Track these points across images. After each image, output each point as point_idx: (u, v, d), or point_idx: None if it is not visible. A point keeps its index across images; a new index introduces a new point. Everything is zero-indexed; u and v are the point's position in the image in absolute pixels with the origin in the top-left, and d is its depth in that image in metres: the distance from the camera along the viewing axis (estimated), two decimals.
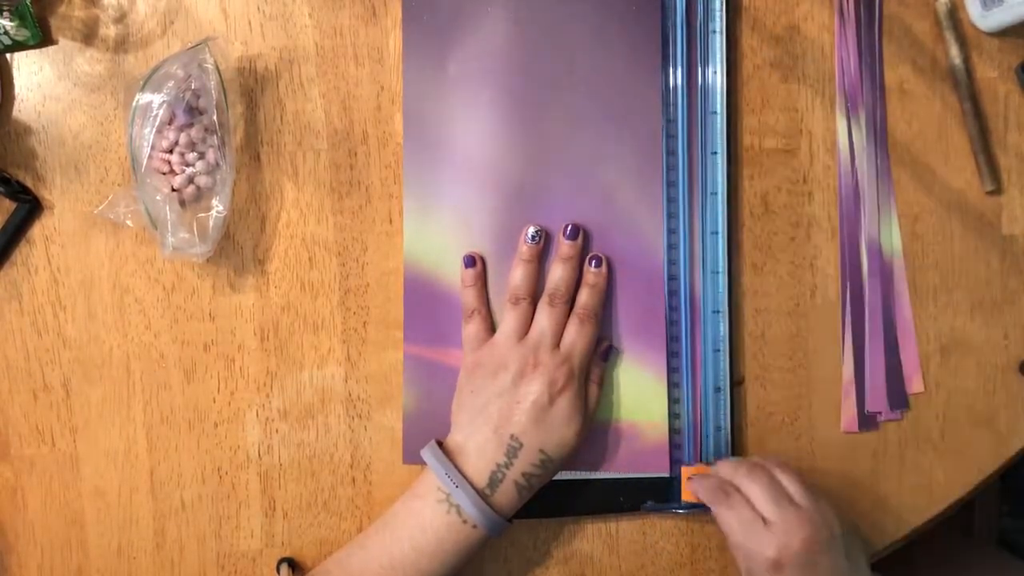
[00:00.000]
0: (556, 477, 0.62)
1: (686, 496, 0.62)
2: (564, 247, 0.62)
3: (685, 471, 0.62)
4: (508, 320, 0.61)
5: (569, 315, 0.61)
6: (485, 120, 0.63)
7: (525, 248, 0.62)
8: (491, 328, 0.62)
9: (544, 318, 0.60)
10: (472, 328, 0.62)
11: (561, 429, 0.58)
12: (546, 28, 0.62)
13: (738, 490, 0.57)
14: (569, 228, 0.62)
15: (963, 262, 0.64)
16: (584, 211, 0.62)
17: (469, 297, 0.62)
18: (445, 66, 0.62)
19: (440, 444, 0.60)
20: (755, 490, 0.57)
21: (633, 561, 0.64)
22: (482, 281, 0.62)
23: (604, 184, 0.62)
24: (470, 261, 0.62)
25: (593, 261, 0.62)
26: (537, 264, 0.62)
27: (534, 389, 0.58)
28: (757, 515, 0.56)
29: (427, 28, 0.62)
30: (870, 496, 0.65)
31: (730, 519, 0.56)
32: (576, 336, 0.60)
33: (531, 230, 0.62)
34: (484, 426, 0.58)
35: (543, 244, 0.62)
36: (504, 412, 0.58)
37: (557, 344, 0.60)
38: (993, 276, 0.64)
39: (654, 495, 0.63)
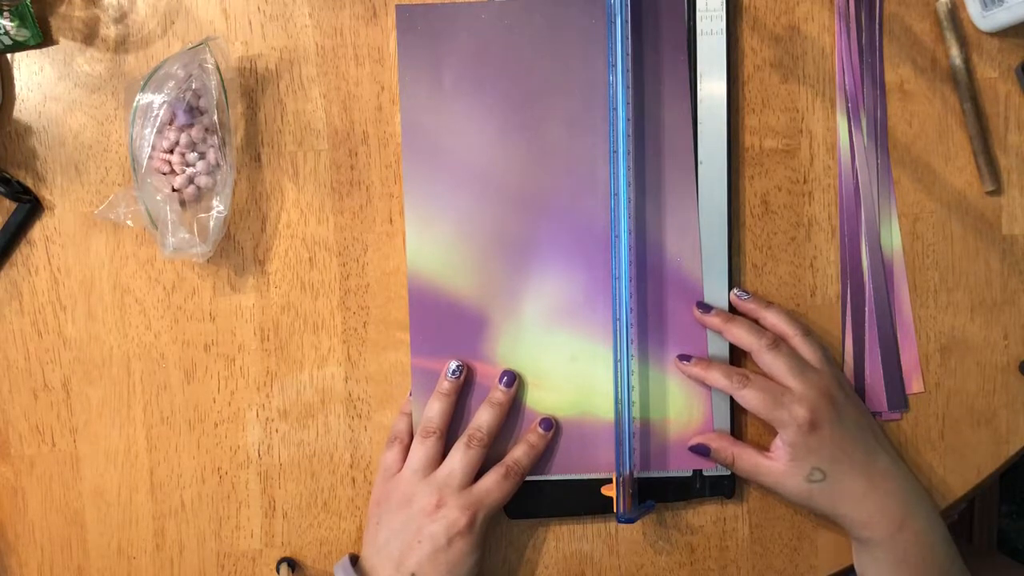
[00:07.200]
0: (557, 477, 0.63)
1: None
2: (497, 393, 0.62)
3: (606, 490, 0.61)
4: (415, 454, 0.60)
5: (482, 457, 0.60)
6: (483, 128, 0.63)
7: (445, 383, 0.61)
8: (430, 455, 0.60)
9: (457, 458, 0.60)
10: (388, 457, 0.62)
11: (455, 570, 0.58)
12: (539, 33, 0.62)
13: (749, 373, 0.60)
14: (505, 376, 0.62)
15: (963, 262, 0.64)
16: (586, 213, 0.63)
17: (401, 423, 0.62)
18: (441, 76, 0.63)
19: (356, 560, 0.61)
20: (779, 365, 0.59)
21: (633, 561, 0.64)
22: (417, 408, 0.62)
23: (606, 185, 0.62)
24: (457, 370, 0.62)
25: (544, 424, 0.62)
26: (454, 398, 0.61)
27: (434, 529, 0.58)
28: (781, 387, 0.59)
29: (422, 38, 0.62)
30: None
31: (755, 398, 0.59)
32: (494, 487, 0.60)
33: (452, 364, 0.61)
34: (387, 561, 0.59)
35: (463, 378, 0.62)
36: (404, 549, 0.58)
37: (465, 485, 0.59)
38: (993, 276, 0.64)
39: (654, 494, 0.63)
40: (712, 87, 0.63)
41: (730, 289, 0.63)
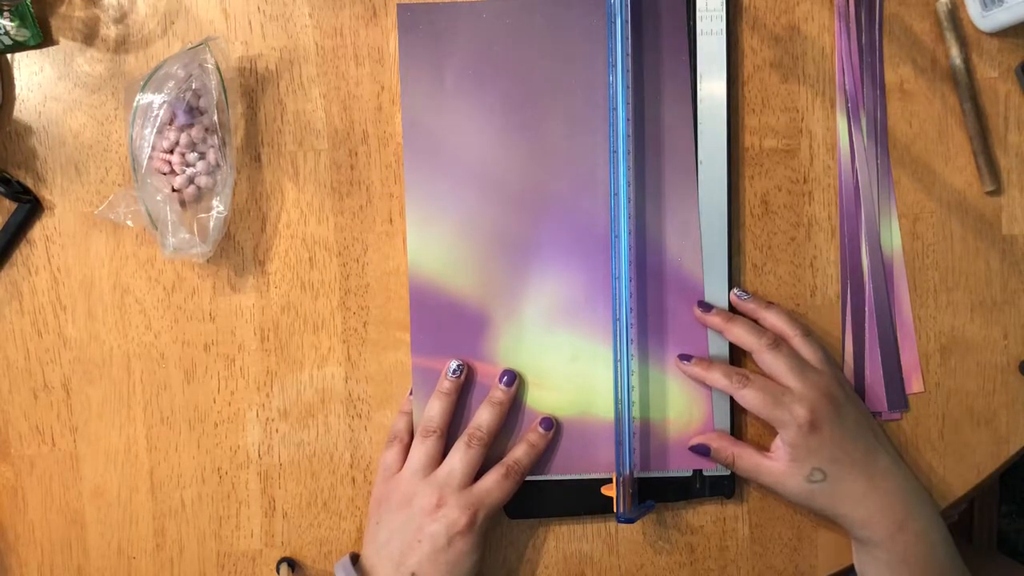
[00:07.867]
0: (557, 477, 0.63)
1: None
2: (497, 392, 0.62)
3: (607, 489, 0.61)
4: (415, 454, 0.60)
5: (482, 457, 0.60)
6: (484, 128, 0.63)
7: (446, 382, 0.61)
8: (428, 455, 0.60)
9: (458, 458, 0.60)
10: (388, 456, 0.62)
11: (455, 570, 0.58)
12: (540, 33, 0.62)
13: (749, 372, 0.60)
14: (505, 376, 0.62)
15: (963, 262, 0.64)
16: (586, 213, 0.63)
17: (400, 422, 0.62)
18: (443, 75, 0.63)
19: (357, 559, 0.61)
20: (779, 365, 0.59)
21: (633, 561, 0.64)
22: (415, 407, 0.62)
23: (606, 185, 0.62)
24: (458, 370, 0.62)
25: (544, 424, 0.62)
26: (455, 398, 0.61)
27: (434, 529, 0.58)
28: (781, 387, 0.59)
29: (423, 38, 0.62)
30: None
31: (755, 398, 0.59)
32: (494, 487, 0.59)
33: (453, 363, 0.61)
34: (387, 561, 0.59)
35: (464, 378, 0.62)
36: (404, 549, 0.58)
37: (465, 484, 0.59)
38: (993, 276, 0.64)
39: (654, 494, 0.63)
40: (712, 87, 0.63)
41: (730, 289, 0.63)
